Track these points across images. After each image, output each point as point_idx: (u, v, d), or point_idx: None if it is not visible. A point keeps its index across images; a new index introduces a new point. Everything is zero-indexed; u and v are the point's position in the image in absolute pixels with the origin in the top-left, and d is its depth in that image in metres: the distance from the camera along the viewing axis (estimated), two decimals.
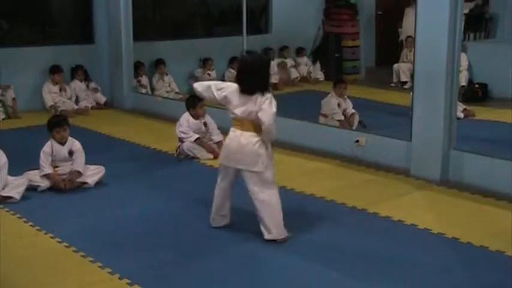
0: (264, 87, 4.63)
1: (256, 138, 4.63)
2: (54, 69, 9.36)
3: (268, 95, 4.63)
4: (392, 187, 5.93)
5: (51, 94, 9.31)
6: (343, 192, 5.73)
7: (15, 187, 5.53)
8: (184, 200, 5.55)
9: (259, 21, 11.66)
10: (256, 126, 4.62)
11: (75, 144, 5.89)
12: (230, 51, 10.54)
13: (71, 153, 5.84)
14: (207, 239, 4.75)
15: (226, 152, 4.73)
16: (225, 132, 7.16)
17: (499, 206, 5.37)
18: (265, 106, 4.58)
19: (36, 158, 5.79)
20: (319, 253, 4.46)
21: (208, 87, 4.81)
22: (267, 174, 4.66)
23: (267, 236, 4.63)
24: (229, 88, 4.69)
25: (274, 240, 4.61)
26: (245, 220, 5.09)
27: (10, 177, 5.58)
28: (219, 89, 4.73)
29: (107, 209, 5.38)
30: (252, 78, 4.59)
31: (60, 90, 9.40)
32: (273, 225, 4.63)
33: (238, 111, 4.61)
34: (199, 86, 4.91)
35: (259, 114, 4.56)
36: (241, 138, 4.62)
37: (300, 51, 11.53)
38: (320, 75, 11.43)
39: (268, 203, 4.64)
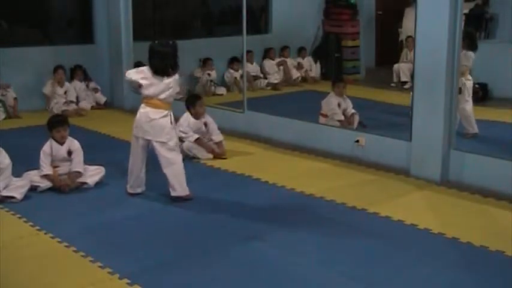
0: (172, 69, 5.45)
1: (162, 114, 5.42)
2: (56, 68, 9.36)
3: (175, 77, 5.46)
4: (392, 187, 5.94)
5: (52, 94, 9.31)
6: (343, 192, 5.73)
7: (18, 188, 5.54)
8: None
9: (259, 21, 11.66)
10: (163, 103, 5.43)
11: (74, 143, 5.90)
12: (230, 51, 10.54)
13: (69, 152, 5.85)
14: (207, 239, 4.75)
15: (136, 125, 5.50)
16: (224, 132, 7.22)
17: (499, 206, 5.37)
18: (174, 85, 5.46)
19: (36, 158, 5.79)
20: (318, 253, 4.46)
21: (129, 72, 5.73)
22: (171, 143, 5.46)
23: (172, 193, 5.47)
24: (144, 73, 5.48)
25: (179, 198, 5.44)
26: (245, 220, 5.10)
27: (13, 178, 5.59)
28: (138, 72, 5.56)
29: (107, 209, 5.38)
30: (162, 62, 5.40)
31: (65, 92, 9.37)
32: (177, 183, 5.45)
33: (150, 90, 5.41)
34: (127, 74, 5.72)
35: (171, 93, 5.45)
36: (149, 114, 5.41)
37: (301, 51, 11.52)
38: (317, 73, 11.43)
39: (172, 166, 5.44)
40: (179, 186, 5.47)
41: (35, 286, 4.03)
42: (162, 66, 5.41)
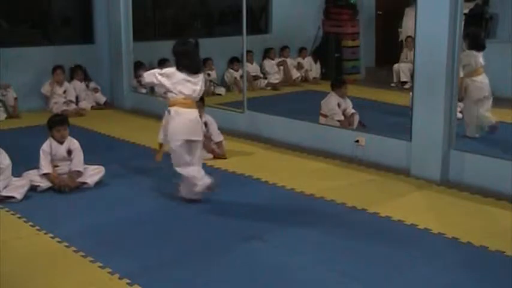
0: (201, 67, 5.49)
1: (198, 113, 5.44)
2: (54, 68, 9.36)
3: (201, 75, 5.41)
4: (392, 187, 5.93)
5: (51, 94, 9.31)
6: (343, 192, 5.73)
7: (18, 187, 5.54)
8: None
9: (259, 21, 11.66)
10: (194, 102, 5.39)
11: (73, 142, 5.91)
12: (230, 51, 10.54)
13: (69, 152, 5.86)
14: (208, 239, 4.75)
15: (187, 129, 5.31)
16: (224, 132, 7.21)
17: (499, 206, 5.37)
18: (202, 84, 5.40)
19: (36, 158, 5.79)
20: (319, 253, 4.46)
21: (152, 73, 5.49)
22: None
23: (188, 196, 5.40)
24: (173, 73, 5.32)
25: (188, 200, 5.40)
26: (245, 220, 5.10)
27: (13, 178, 5.60)
28: (162, 74, 5.37)
29: (107, 209, 5.38)
30: (192, 60, 5.32)
31: (64, 92, 9.38)
32: (193, 185, 5.37)
33: (185, 90, 5.28)
34: (146, 76, 5.54)
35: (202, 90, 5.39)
36: (191, 115, 5.32)
37: (301, 51, 11.51)
38: (317, 73, 11.43)
39: (199, 169, 5.39)
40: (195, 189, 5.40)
41: (35, 286, 4.03)
42: (194, 65, 5.35)
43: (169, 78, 5.33)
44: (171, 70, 5.37)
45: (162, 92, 5.48)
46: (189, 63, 5.31)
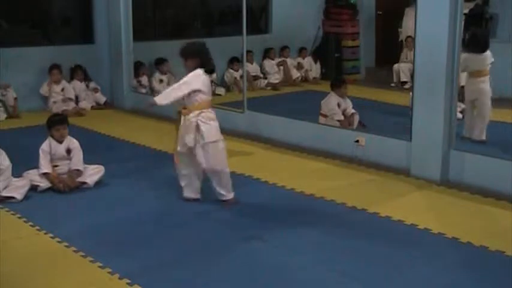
0: None
1: None
2: (50, 68, 9.36)
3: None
4: (392, 187, 5.94)
5: (49, 93, 9.32)
6: (343, 192, 5.73)
7: (18, 188, 5.54)
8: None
9: (259, 21, 11.66)
10: None
11: (72, 142, 5.91)
12: (230, 51, 10.54)
13: (68, 151, 5.86)
14: (208, 238, 4.75)
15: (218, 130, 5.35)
16: (224, 132, 7.19)
17: (499, 206, 5.37)
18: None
19: (36, 157, 5.79)
20: (319, 253, 4.46)
21: (173, 89, 5.24)
22: None
23: (199, 196, 5.46)
24: (198, 75, 5.15)
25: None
26: (245, 220, 5.10)
27: (13, 178, 5.60)
28: (186, 82, 5.15)
29: (107, 209, 5.38)
30: (210, 59, 5.27)
31: (62, 89, 9.39)
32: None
33: (210, 91, 5.28)
34: (163, 99, 5.27)
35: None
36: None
37: (302, 51, 11.52)
38: (317, 73, 11.43)
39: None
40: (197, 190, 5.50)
41: (35, 286, 4.03)
42: (212, 65, 5.34)
43: (203, 84, 5.21)
44: (195, 73, 5.18)
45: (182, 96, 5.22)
46: (211, 64, 5.29)
